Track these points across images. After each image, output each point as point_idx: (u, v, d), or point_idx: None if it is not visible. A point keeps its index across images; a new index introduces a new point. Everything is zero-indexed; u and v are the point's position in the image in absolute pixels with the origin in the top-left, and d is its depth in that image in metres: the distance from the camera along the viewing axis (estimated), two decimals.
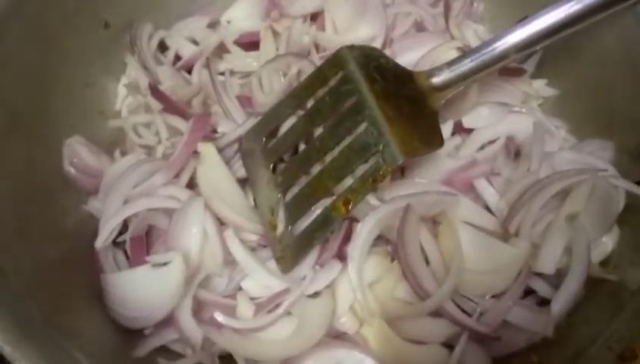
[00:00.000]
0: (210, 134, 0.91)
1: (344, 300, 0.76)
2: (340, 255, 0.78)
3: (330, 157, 0.77)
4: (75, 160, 0.89)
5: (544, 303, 0.77)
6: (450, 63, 0.80)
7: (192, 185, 0.85)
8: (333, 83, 0.80)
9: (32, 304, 0.67)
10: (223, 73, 1.03)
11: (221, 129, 0.92)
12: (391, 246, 0.81)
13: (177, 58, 1.06)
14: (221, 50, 1.06)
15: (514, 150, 0.88)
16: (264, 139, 0.85)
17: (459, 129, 0.90)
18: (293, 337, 0.74)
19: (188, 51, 1.04)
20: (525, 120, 0.89)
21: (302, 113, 0.83)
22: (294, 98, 0.84)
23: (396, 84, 0.79)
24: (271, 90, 0.94)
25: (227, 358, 0.77)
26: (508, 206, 0.81)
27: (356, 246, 0.75)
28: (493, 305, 0.75)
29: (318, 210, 0.77)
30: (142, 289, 0.76)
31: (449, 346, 0.74)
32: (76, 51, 0.94)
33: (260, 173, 0.84)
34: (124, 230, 0.83)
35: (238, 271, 0.79)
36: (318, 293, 0.76)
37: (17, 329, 0.61)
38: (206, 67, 0.99)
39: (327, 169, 0.76)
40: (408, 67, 0.84)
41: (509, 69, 0.89)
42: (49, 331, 0.66)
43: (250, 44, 1.06)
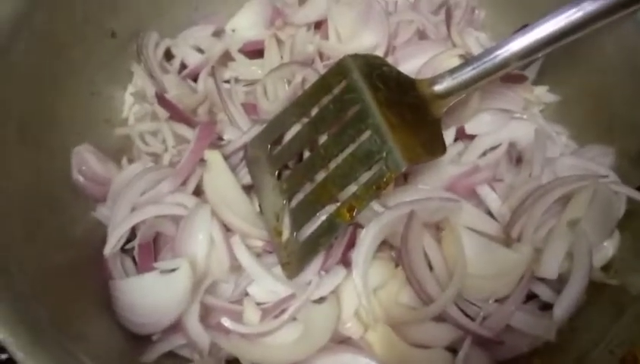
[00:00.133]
0: (216, 142, 0.92)
1: (349, 305, 0.77)
2: (345, 261, 0.79)
3: (335, 164, 0.78)
4: (83, 168, 0.90)
5: (546, 308, 0.77)
6: (452, 71, 0.81)
7: (198, 192, 0.86)
8: (337, 91, 0.80)
9: (42, 310, 0.68)
10: (228, 81, 1.03)
11: (227, 136, 0.93)
12: (395, 251, 0.81)
13: (183, 66, 1.07)
14: (226, 58, 1.07)
15: (516, 156, 0.89)
16: (269, 146, 0.86)
17: (461, 135, 0.90)
18: (298, 342, 0.74)
19: (193, 60, 1.05)
20: (527, 127, 0.90)
21: (306, 121, 0.84)
22: (299, 106, 0.85)
23: (399, 92, 0.80)
24: (276, 98, 0.95)
25: (233, 362, 0.78)
26: (510, 212, 0.81)
27: (361, 252, 0.76)
28: (496, 310, 0.76)
29: (322, 216, 0.78)
30: (150, 295, 0.77)
31: (452, 350, 0.75)
32: (84, 61, 0.95)
33: (265, 180, 0.85)
34: (132, 237, 0.84)
35: (244, 276, 0.80)
36: (323, 298, 0.77)
37: (29, 335, 0.62)
38: (211, 75, 1.00)
39: (332, 176, 0.77)
40: (410, 75, 0.85)
41: (510, 76, 0.90)
42: (58, 336, 0.67)
43: (255, 52, 1.07)
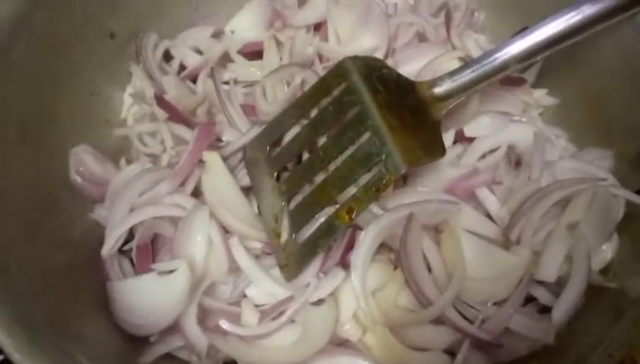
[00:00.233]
0: (215, 143, 0.92)
1: (347, 308, 0.77)
2: (344, 263, 0.79)
3: (334, 166, 0.77)
4: (81, 169, 0.89)
5: (545, 311, 0.77)
6: (452, 73, 0.81)
7: (197, 193, 0.86)
8: (336, 93, 0.80)
9: (39, 311, 0.68)
10: (227, 82, 1.03)
11: (226, 138, 0.93)
12: (394, 253, 0.81)
13: (182, 67, 1.06)
14: (225, 59, 1.07)
15: (515, 159, 0.89)
16: (268, 147, 0.86)
17: (460, 138, 0.90)
18: (296, 344, 0.74)
19: (193, 61, 1.05)
20: (526, 129, 0.90)
21: (305, 122, 0.84)
22: (298, 107, 0.85)
23: (399, 94, 0.80)
24: (275, 99, 0.95)
25: None
26: (509, 214, 0.81)
27: (359, 254, 0.76)
28: (495, 313, 0.75)
29: (321, 218, 0.78)
30: (147, 296, 0.76)
31: (451, 353, 0.75)
32: (83, 61, 0.95)
33: (264, 181, 0.85)
34: (130, 239, 0.84)
35: (242, 278, 0.80)
36: (321, 300, 0.77)
37: (26, 336, 0.62)
38: (211, 76, 1.00)
39: (331, 178, 0.77)
40: (410, 77, 0.85)
41: (509, 79, 0.90)
42: (56, 337, 0.67)
43: (254, 54, 1.06)
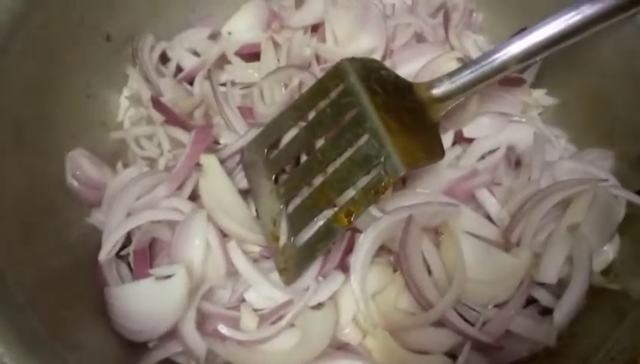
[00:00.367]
0: (212, 146, 0.91)
1: (347, 311, 0.76)
2: (343, 266, 0.78)
3: (332, 168, 0.77)
4: (78, 172, 0.89)
5: (546, 312, 0.77)
6: (450, 74, 0.80)
7: (194, 197, 0.85)
8: (334, 95, 0.80)
9: (35, 317, 0.67)
10: (224, 84, 1.03)
11: (223, 140, 0.92)
12: (393, 256, 0.81)
13: (179, 69, 1.06)
14: (222, 61, 1.06)
15: (514, 160, 0.88)
16: (266, 150, 0.85)
17: (459, 139, 0.90)
18: (296, 348, 0.74)
19: (189, 63, 1.04)
20: (526, 130, 0.90)
21: (303, 125, 0.83)
22: (295, 109, 0.84)
23: (397, 96, 0.80)
24: (273, 101, 0.94)
25: None
26: (509, 216, 0.81)
27: (359, 257, 0.75)
28: (495, 315, 0.75)
29: (320, 221, 0.77)
30: (145, 302, 0.76)
31: (452, 355, 0.75)
32: (79, 64, 0.94)
33: (262, 184, 0.84)
34: (128, 243, 0.83)
35: (241, 282, 0.79)
36: (321, 304, 0.76)
37: (21, 344, 0.61)
38: (208, 78, 0.99)
39: (329, 181, 0.76)
40: (408, 78, 0.85)
41: (509, 79, 0.89)
42: (52, 344, 0.66)
43: (251, 55, 1.06)
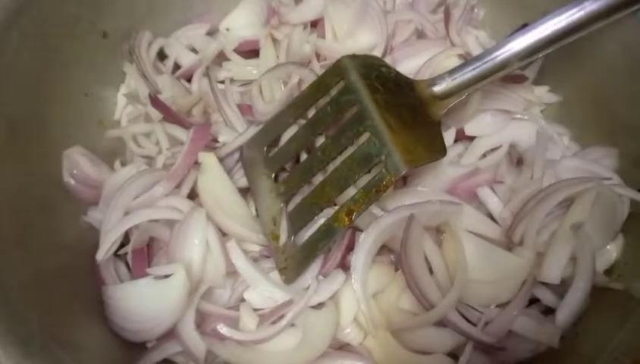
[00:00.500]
0: (211, 144, 0.90)
1: (348, 311, 0.76)
2: (344, 266, 0.78)
3: (333, 167, 0.76)
4: (75, 171, 0.88)
5: (548, 312, 0.76)
6: (452, 72, 0.80)
7: (193, 196, 0.84)
8: (334, 92, 0.79)
9: (33, 317, 0.66)
10: (223, 81, 1.02)
11: (222, 138, 0.91)
12: (395, 255, 0.80)
13: (177, 66, 1.05)
14: (221, 58, 1.05)
15: (517, 158, 0.87)
16: (265, 148, 0.85)
17: (461, 137, 0.89)
18: (296, 348, 0.73)
19: (187, 60, 1.04)
20: (528, 128, 0.89)
21: (303, 122, 0.82)
22: (295, 107, 0.83)
23: (398, 93, 0.79)
24: (272, 99, 0.93)
25: None
26: (512, 215, 0.80)
27: (360, 257, 0.75)
28: (498, 315, 0.74)
29: (320, 220, 0.77)
30: (144, 301, 0.75)
31: (454, 356, 0.74)
32: (75, 61, 0.93)
33: (262, 182, 0.83)
34: (126, 242, 0.82)
35: (240, 282, 0.79)
36: (321, 304, 0.75)
37: (17, 345, 0.61)
38: (206, 75, 0.98)
39: (330, 179, 0.76)
40: (409, 75, 0.84)
41: (510, 76, 0.88)
42: (50, 345, 0.65)
43: (250, 52, 1.05)
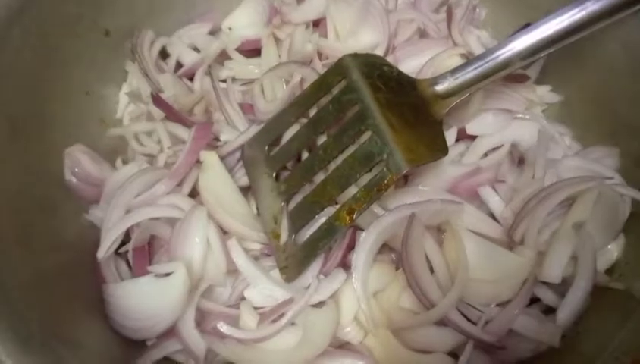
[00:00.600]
0: (212, 142, 0.90)
1: (349, 310, 0.76)
2: (344, 265, 0.78)
3: (334, 166, 0.76)
4: (76, 169, 0.88)
5: (549, 311, 0.76)
6: (454, 71, 0.80)
7: (194, 194, 0.84)
8: (336, 91, 0.79)
9: (33, 315, 0.66)
10: (225, 80, 1.02)
11: (224, 137, 0.91)
12: (395, 254, 0.80)
13: (179, 65, 1.05)
14: (223, 57, 1.05)
15: (518, 157, 0.87)
16: (267, 147, 0.85)
17: (462, 136, 0.89)
18: (297, 347, 0.73)
19: (189, 59, 1.04)
20: (530, 127, 0.89)
21: (305, 121, 0.82)
22: (297, 106, 0.83)
23: (400, 92, 0.79)
24: (274, 98, 0.93)
25: None
26: (513, 214, 0.80)
27: (360, 255, 0.75)
28: (498, 314, 0.74)
29: (321, 219, 0.76)
30: (144, 299, 0.75)
31: (454, 355, 0.74)
32: (77, 60, 0.93)
33: (263, 181, 0.83)
34: (127, 240, 0.82)
35: (241, 280, 0.79)
36: (322, 302, 0.75)
37: (17, 341, 0.61)
38: (208, 74, 0.98)
39: (331, 178, 0.76)
40: (411, 74, 0.84)
41: (512, 76, 0.88)
42: (50, 342, 0.66)
43: (252, 51, 1.05)
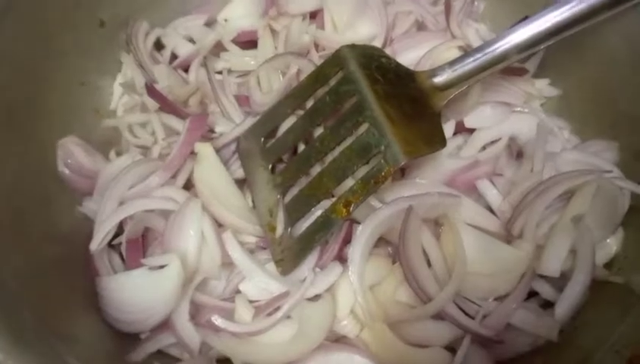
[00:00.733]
0: (207, 134, 0.89)
1: (345, 303, 0.75)
2: (341, 258, 0.77)
3: (331, 158, 0.76)
4: (69, 161, 0.87)
5: (547, 305, 0.76)
6: (452, 63, 0.79)
7: (189, 186, 0.84)
8: (333, 82, 0.78)
9: (26, 308, 0.66)
10: (220, 72, 1.01)
11: (219, 129, 0.90)
12: (392, 247, 0.80)
13: (174, 56, 1.04)
14: (218, 48, 1.04)
15: (516, 150, 0.87)
16: (262, 139, 0.84)
17: (460, 129, 0.88)
18: (292, 341, 0.72)
19: (185, 50, 1.03)
20: (528, 120, 0.88)
21: (301, 113, 0.82)
22: (293, 97, 0.83)
23: (398, 84, 0.78)
24: (270, 90, 0.92)
25: (225, 362, 0.76)
26: (511, 208, 0.80)
27: (357, 249, 0.74)
28: (496, 308, 0.74)
29: (318, 212, 0.76)
30: (138, 292, 0.74)
31: (451, 349, 0.73)
32: (72, 50, 0.92)
33: (259, 173, 0.82)
34: (120, 232, 0.81)
35: (236, 273, 0.78)
36: (318, 296, 0.75)
37: (10, 335, 0.60)
38: (203, 65, 0.97)
39: (328, 170, 0.75)
40: (409, 67, 0.84)
41: (511, 69, 0.88)
42: (43, 335, 0.65)
43: (248, 43, 1.04)
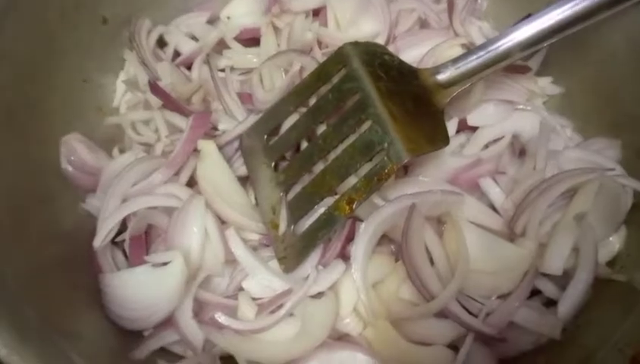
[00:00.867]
0: (210, 131, 0.89)
1: (348, 301, 0.75)
2: (344, 255, 0.77)
3: (334, 155, 0.76)
4: (72, 158, 0.87)
5: (550, 303, 0.76)
6: (455, 60, 0.79)
7: (192, 183, 0.84)
8: (336, 80, 0.78)
9: (30, 305, 0.66)
10: (223, 69, 1.01)
11: (222, 126, 0.90)
12: (395, 245, 0.80)
13: (177, 54, 1.04)
14: (221, 46, 1.04)
15: (519, 148, 0.87)
16: (265, 136, 0.84)
17: (463, 127, 0.88)
18: (295, 338, 0.73)
19: (187, 48, 1.03)
20: (531, 118, 0.88)
21: (304, 110, 0.82)
22: (296, 95, 0.83)
23: (401, 82, 0.78)
24: (272, 87, 0.92)
25: (228, 359, 0.76)
26: (514, 206, 0.80)
27: (360, 246, 0.74)
28: (499, 306, 0.74)
29: (321, 209, 0.76)
30: (141, 289, 0.74)
31: (454, 347, 0.73)
32: (74, 47, 0.92)
33: (262, 171, 0.82)
34: (123, 229, 0.81)
35: (239, 270, 0.78)
36: (321, 293, 0.75)
37: (13, 331, 0.60)
38: (206, 63, 0.97)
39: (331, 168, 0.75)
40: (411, 64, 0.83)
41: (513, 66, 0.88)
42: (46, 332, 0.65)
43: (251, 40, 1.04)
